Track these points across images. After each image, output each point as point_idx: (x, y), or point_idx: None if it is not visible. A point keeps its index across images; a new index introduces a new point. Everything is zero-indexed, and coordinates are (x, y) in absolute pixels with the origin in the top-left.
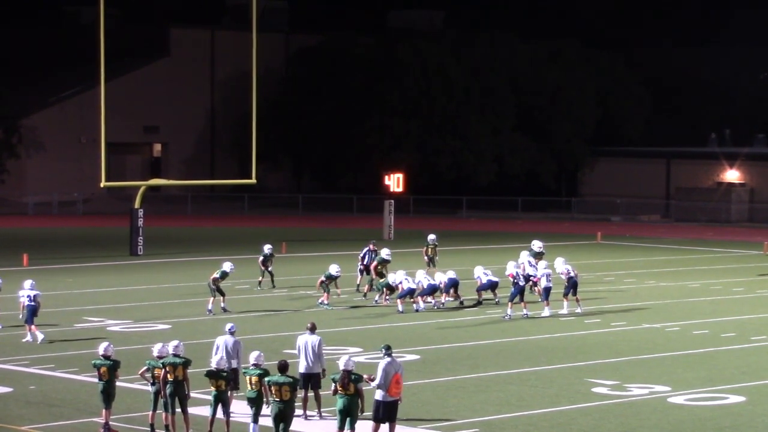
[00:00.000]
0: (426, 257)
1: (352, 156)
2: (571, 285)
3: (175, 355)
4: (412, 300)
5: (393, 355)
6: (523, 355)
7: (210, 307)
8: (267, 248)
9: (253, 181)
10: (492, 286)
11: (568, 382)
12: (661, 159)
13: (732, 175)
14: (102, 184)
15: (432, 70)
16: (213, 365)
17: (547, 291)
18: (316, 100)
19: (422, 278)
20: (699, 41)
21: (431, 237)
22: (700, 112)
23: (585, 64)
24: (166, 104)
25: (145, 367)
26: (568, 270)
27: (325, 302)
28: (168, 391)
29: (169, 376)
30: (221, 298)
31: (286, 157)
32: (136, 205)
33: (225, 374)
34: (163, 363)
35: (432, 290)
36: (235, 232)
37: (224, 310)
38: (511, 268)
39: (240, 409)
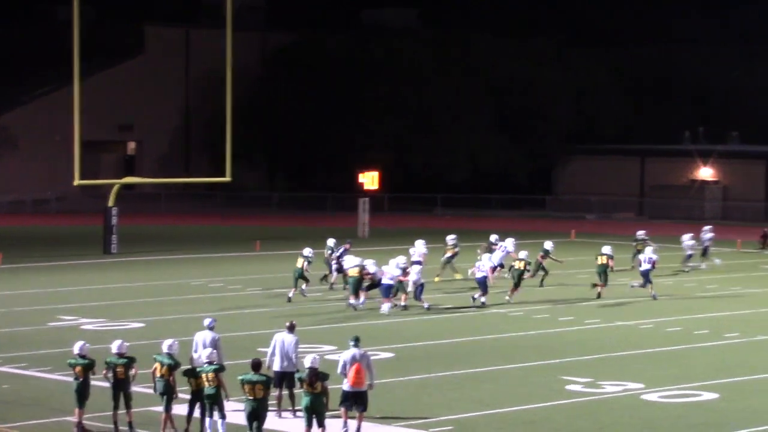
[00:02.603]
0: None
1: (326, 154)
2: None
3: (168, 355)
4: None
5: (361, 347)
6: (498, 353)
7: (291, 294)
8: (331, 242)
9: (228, 179)
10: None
11: (542, 380)
12: (635, 157)
13: (706, 173)
14: (76, 183)
15: (406, 68)
16: (193, 362)
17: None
18: (291, 98)
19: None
20: (673, 40)
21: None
22: (674, 110)
23: (560, 62)
24: (140, 102)
25: (106, 366)
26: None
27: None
28: (159, 390)
29: (157, 373)
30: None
31: (261, 155)
32: (110, 203)
33: (198, 371)
34: (158, 359)
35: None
36: (210, 230)
37: (303, 294)
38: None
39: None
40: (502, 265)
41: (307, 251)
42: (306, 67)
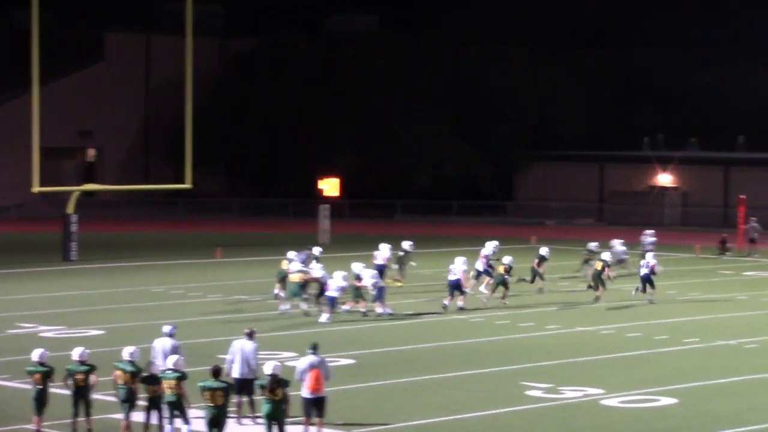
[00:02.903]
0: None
1: (288, 160)
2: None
3: (130, 362)
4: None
5: (319, 353)
6: (459, 359)
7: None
8: (407, 245)
9: (189, 186)
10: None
11: (503, 386)
12: (596, 163)
13: (665, 179)
14: (35, 190)
15: (369, 74)
16: (155, 369)
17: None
18: (252, 104)
19: (341, 280)
20: (633, 46)
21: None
22: (634, 117)
23: (523, 66)
24: (100, 109)
25: (67, 373)
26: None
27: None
28: (122, 397)
29: (119, 381)
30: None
31: (222, 161)
32: (70, 210)
33: (160, 379)
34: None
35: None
36: (171, 237)
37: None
38: (460, 265)
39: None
40: (489, 273)
41: (291, 254)
42: (267, 73)
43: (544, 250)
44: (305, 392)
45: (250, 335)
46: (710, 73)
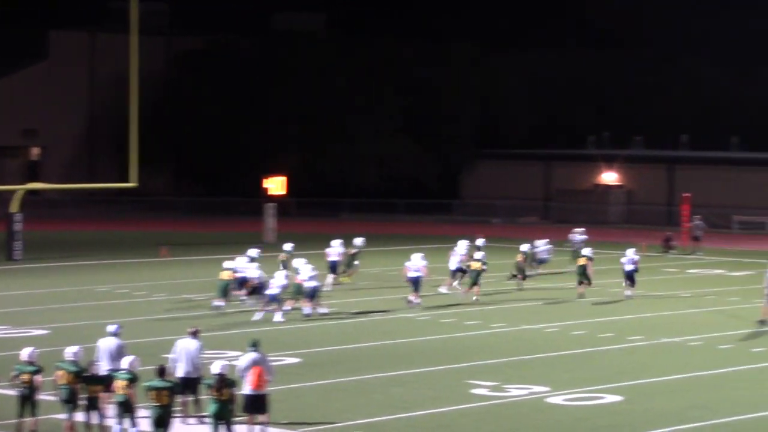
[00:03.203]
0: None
1: (234, 159)
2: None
3: (73, 362)
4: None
5: (260, 350)
6: (405, 357)
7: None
8: (359, 242)
9: (134, 184)
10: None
11: (449, 384)
12: (541, 161)
13: (610, 177)
14: None
15: (315, 72)
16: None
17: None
18: (199, 103)
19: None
20: (578, 45)
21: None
22: (579, 115)
23: (468, 66)
24: (45, 107)
25: (14, 373)
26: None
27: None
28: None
29: (62, 380)
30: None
31: (168, 160)
32: (14, 209)
33: (102, 379)
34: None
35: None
36: (116, 236)
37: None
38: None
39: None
40: (462, 270)
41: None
42: (213, 72)
43: (525, 247)
44: (247, 389)
45: (194, 334)
46: (654, 72)
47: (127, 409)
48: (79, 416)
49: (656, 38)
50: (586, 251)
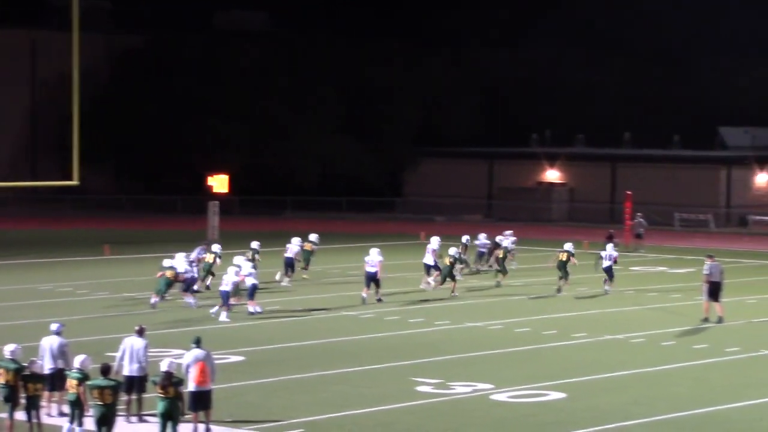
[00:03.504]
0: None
1: (176, 157)
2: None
3: (12, 360)
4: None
5: (204, 347)
6: (349, 355)
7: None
8: (314, 238)
9: (76, 182)
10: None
11: (393, 382)
12: (484, 159)
13: (552, 175)
14: None
15: (257, 70)
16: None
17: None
18: (141, 100)
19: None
20: (521, 43)
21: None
22: (522, 113)
23: (411, 65)
24: None
25: None
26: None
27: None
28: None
29: (1, 379)
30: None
31: (110, 158)
32: None
33: (42, 378)
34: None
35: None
36: (58, 234)
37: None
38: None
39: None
40: (437, 267)
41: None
42: (155, 69)
43: (507, 241)
44: (191, 386)
45: (140, 332)
46: (596, 71)
47: (79, 408)
48: (19, 415)
49: (598, 37)
50: (567, 246)
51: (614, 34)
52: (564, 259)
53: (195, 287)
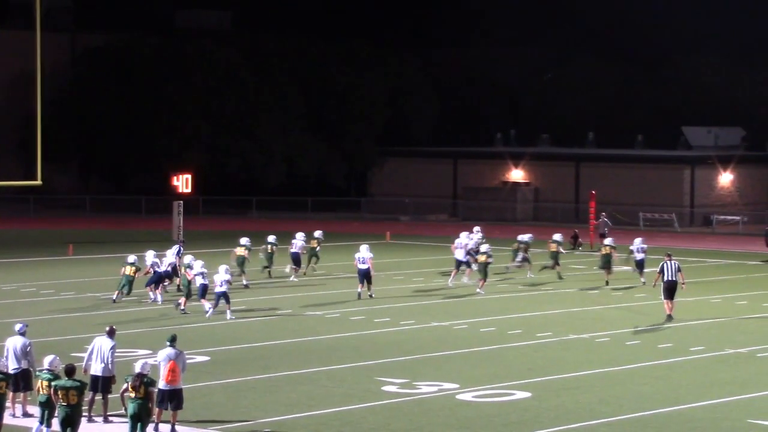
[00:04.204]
0: None
1: (140, 157)
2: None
3: None
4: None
5: (177, 346)
6: (314, 355)
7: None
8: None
9: (39, 182)
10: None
11: (358, 381)
12: (449, 159)
13: (517, 175)
14: None
15: (221, 70)
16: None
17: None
18: (104, 100)
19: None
20: (485, 43)
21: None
22: (486, 112)
23: (375, 64)
24: None
25: None
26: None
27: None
28: None
29: None
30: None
31: (74, 157)
32: None
33: (2, 376)
34: None
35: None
36: (21, 234)
37: None
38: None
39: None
40: (469, 264)
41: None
42: (118, 69)
43: (527, 236)
44: (161, 383)
45: (111, 333)
46: (560, 71)
47: (49, 409)
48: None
49: (561, 36)
50: (556, 236)
51: (578, 34)
52: (554, 249)
53: (166, 283)
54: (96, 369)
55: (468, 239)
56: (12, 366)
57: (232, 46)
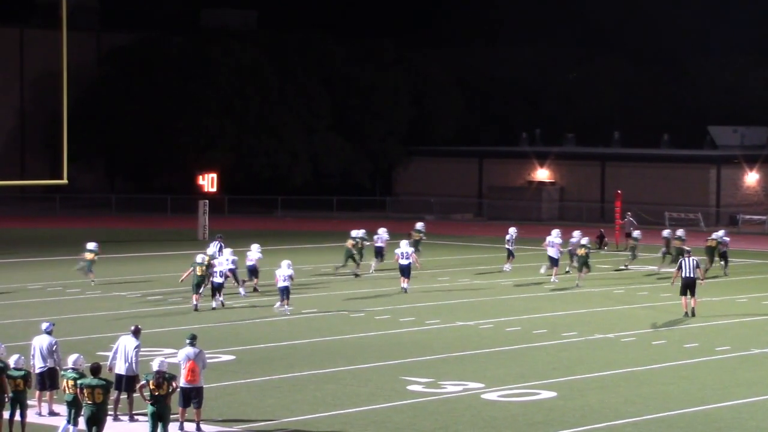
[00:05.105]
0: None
1: (166, 156)
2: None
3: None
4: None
5: (197, 345)
6: (339, 354)
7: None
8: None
9: (65, 181)
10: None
11: (384, 381)
12: (474, 158)
13: (542, 174)
14: None
15: (246, 69)
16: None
17: None
18: (129, 99)
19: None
20: (511, 42)
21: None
22: (512, 112)
23: (399, 63)
24: None
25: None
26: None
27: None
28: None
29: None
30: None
31: (99, 157)
32: None
33: (23, 374)
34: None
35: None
36: (47, 233)
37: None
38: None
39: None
40: (556, 262)
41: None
42: (144, 68)
43: (584, 240)
44: (182, 382)
45: (136, 332)
46: (586, 70)
47: (76, 407)
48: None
49: (588, 36)
50: (585, 240)
51: (605, 34)
52: (584, 254)
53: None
54: (120, 368)
55: (559, 238)
56: (38, 365)
57: (257, 45)
